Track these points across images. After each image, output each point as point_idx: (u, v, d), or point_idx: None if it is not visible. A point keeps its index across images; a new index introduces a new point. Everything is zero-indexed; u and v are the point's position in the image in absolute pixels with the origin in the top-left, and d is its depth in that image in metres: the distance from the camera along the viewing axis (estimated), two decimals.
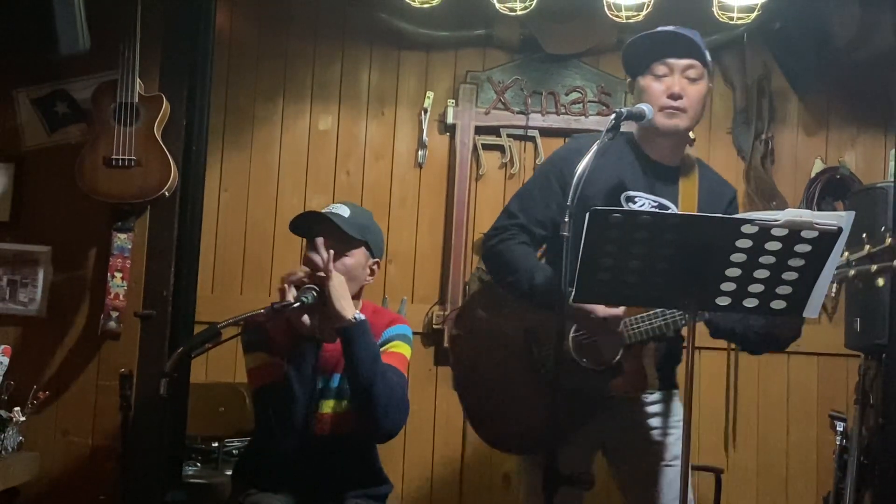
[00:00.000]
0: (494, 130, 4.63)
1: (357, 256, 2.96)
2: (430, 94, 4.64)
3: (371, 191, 4.65)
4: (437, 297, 4.61)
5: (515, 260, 2.91)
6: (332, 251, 2.83)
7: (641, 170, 2.92)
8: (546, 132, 4.60)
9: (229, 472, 3.64)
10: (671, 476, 2.87)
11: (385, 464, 3.23)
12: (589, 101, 4.59)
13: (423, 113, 4.64)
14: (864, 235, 2.59)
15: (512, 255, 2.92)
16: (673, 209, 2.88)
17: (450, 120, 4.61)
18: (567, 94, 4.61)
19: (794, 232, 2.30)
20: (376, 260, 3.03)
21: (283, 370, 2.87)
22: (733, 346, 4.44)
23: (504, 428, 2.94)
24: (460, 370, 3.09)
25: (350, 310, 2.80)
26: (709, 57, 2.89)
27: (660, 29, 2.90)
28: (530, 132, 4.62)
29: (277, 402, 2.86)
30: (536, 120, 4.60)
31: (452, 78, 4.68)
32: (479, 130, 4.61)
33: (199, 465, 4.04)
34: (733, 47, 4.60)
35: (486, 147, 4.63)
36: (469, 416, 3.05)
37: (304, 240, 3.05)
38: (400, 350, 3.02)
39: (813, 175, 4.59)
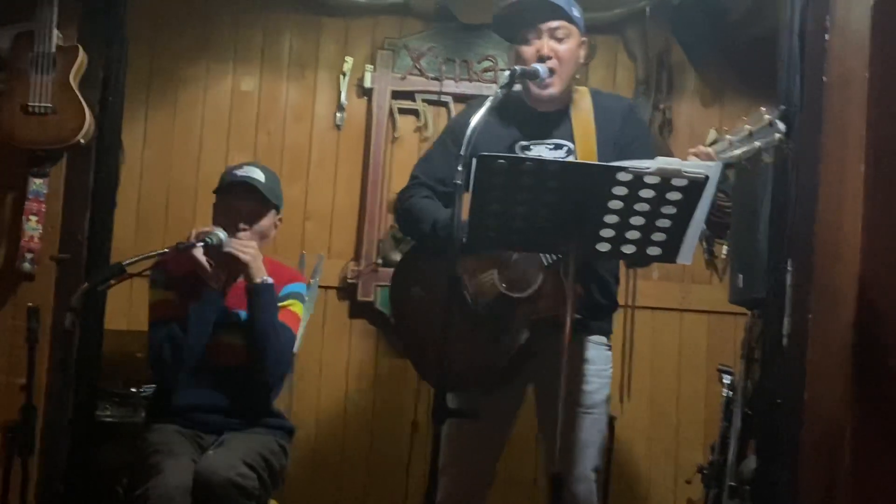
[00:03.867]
0: (410, 95, 4.60)
1: (270, 217, 3.18)
2: (349, 59, 4.59)
3: (291, 151, 4.60)
4: (352, 253, 4.58)
5: (419, 211, 2.94)
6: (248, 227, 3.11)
7: (532, 121, 2.92)
8: (459, 98, 4.56)
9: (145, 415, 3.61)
10: (587, 423, 2.85)
11: (298, 412, 3.28)
12: (500, 69, 4.55)
13: (342, 77, 4.59)
14: (743, 118, 2.59)
15: (416, 207, 2.96)
16: (570, 146, 2.88)
17: (367, 84, 4.57)
18: (479, 62, 4.58)
19: (666, 180, 2.32)
20: (280, 216, 3.26)
21: (182, 310, 3.00)
22: (630, 303, 4.49)
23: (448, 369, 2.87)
24: (402, 326, 3.07)
25: (262, 273, 3.04)
26: (576, 13, 2.88)
27: None
28: (444, 98, 4.59)
29: (171, 338, 2.98)
30: (450, 86, 4.58)
31: (371, 44, 4.63)
32: (396, 95, 4.58)
33: (116, 407, 3.97)
34: (636, 21, 4.60)
35: (402, 111, 4.60)
36: (414, 364, 3.01)
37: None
38: (294, 309, 3.19)
39: (707, 144, 4.60)
